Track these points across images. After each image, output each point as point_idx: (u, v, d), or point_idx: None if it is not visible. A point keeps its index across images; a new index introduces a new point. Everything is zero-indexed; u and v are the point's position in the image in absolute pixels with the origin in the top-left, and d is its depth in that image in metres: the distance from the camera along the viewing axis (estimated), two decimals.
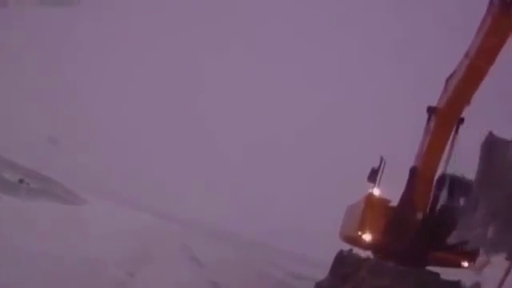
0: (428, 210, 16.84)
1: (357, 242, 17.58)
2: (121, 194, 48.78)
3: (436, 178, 17.14)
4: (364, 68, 68.42)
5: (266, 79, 70.75)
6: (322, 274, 22.31)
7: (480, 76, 15.17)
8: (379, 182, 17.86)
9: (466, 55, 15.38)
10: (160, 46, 75.76)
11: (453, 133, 16.76)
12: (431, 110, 16.66)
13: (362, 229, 16.47)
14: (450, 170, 17.16)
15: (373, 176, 17.75)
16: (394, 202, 17.56)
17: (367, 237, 16.35)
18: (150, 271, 16.51)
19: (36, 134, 59.21)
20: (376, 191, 17.77)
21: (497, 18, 14.43)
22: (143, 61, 74.69)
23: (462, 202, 16.75)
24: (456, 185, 16.96)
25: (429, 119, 16.75)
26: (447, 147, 16.75)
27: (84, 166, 56.99)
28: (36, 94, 65.66)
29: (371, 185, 17.87)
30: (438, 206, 17.07)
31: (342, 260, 18.52)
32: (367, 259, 16.76)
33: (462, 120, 16.68)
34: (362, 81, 67.67)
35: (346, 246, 19.87)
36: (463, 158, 17.36)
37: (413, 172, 16.44)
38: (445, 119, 16.28)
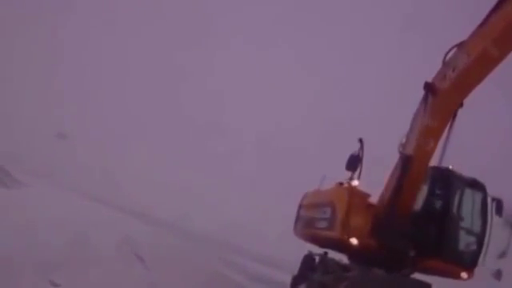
0: (419, 207, 14.43)
1: (333, 243, 14.75)
2: (62, 177, 44.88)
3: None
4: (368, 46, 65.60)
5: (262, 56, 67.81)
6: (282, 275, 19.71)
7: (496, 63, 12.33)
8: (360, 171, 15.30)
9: (481, 36, 12.24)
10: (159, 45, 72.41)
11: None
12: (430, 88, 13.69)
13: (348, 231, 13.49)
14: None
15: (353, 163, 15.03)
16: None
17: (354, 241, 13.40)
18: (80, 273, 13.39)
19: None
20: (355, 182, 15.10)
21: None
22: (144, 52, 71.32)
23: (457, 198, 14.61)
24: (450, 179, 14.62)
25: (426, 97, 13.81)
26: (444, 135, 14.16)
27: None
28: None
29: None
30: (430, 202, 14.68)
31: (312, 265, 15.79)
32: (349, 266, 14.02)
33: (461, 104, 13.95)
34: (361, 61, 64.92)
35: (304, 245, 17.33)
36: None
37: (407, 161, 13.51)
38: (447, 101, 13.35)
